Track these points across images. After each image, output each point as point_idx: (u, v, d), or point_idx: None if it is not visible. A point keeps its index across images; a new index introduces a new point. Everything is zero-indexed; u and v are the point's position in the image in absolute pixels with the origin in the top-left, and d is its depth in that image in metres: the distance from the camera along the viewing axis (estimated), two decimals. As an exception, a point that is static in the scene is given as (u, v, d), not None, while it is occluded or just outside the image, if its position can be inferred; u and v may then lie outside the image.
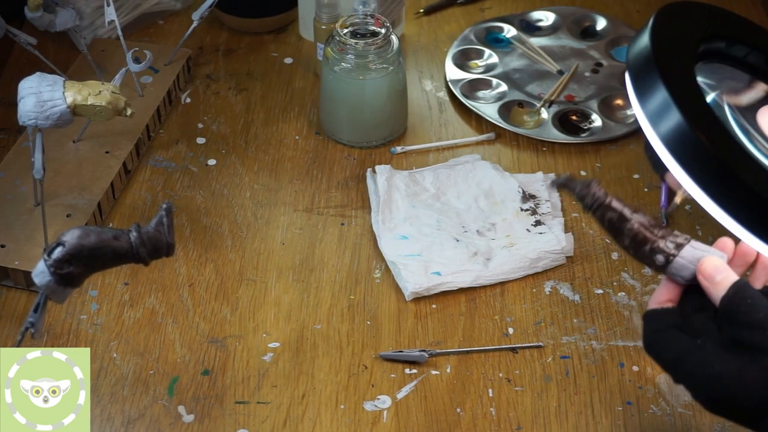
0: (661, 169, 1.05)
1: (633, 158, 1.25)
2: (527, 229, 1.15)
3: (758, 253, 0.80)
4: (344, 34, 1.22)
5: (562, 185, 0.83)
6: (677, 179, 0.84)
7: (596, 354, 1.03)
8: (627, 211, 0.81)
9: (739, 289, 0.76)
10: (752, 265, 0.80)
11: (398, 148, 1.26)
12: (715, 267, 0.78)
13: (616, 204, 0.81)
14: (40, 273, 0.84)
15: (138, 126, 1.23)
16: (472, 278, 1.09)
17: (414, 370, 1.01)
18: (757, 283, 0.80)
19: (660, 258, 0.79)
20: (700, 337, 0.76)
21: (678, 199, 0.91)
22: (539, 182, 1.21)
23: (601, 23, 1.47)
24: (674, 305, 0.80)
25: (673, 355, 0.76)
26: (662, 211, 1.17)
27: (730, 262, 0.80)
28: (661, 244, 0.79)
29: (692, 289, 0.79)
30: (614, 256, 1.12)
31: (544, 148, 1.27)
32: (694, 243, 0.80)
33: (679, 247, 0.79)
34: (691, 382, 0.76)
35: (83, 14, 1.34)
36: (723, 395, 0.74)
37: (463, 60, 1.40)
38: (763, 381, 0.73)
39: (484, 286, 1.09)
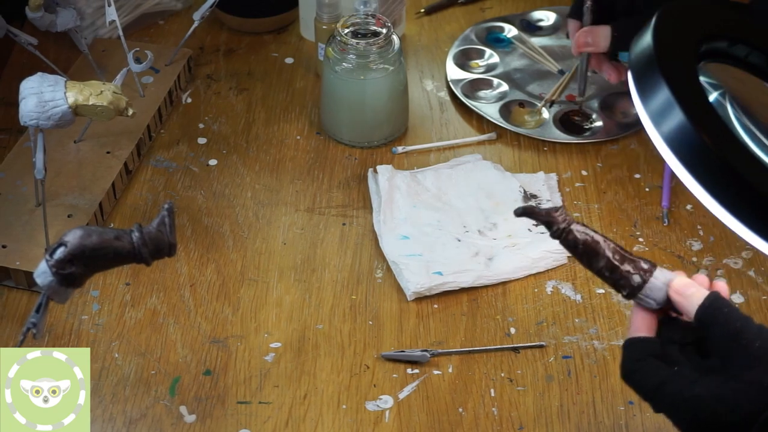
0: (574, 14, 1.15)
1: (634, 158, 1.25)
2: (528, 229, 1.14)
3: (710, 281, 0.80)
4: (345, 34, 1.22)
5: (522, 214, 0.81)
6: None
7: (598, 354, 1.03)
8: (598, 234, 0.80)
9: (715, 300, 0.76)
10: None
11: (399, 148, 1.26)
12: (686, 283, 0.78)
13: (587, 226, 0.80)
14: (42, 273, 0.83)
15: (139, 126, 1.23)
16: (474, 278, 1.09)
17: (416, 370, 1.01)
18: None
19: (636, 278, 0.79)
20: (677, 365, 0.76)
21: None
22: (540, 182, 1.21)
23: (601, 23, 1.46)
24: (653, 335, 0.79)
25: (653, 383, 0.75)
26: (663, 211, 1.17)
27: None
28: (637, 265, 0.79)
29: (663, 321, 0.80)
30: (616, 255, 1.12)
31: (546, 148, 1.27)
32: (660, 269, 0.80)
33: (650, 270, 0.79)
34: (672, 408, 0.75)
35: (84, 14, 1.34)
36: (706, 415, 0.73)
37: (463, 60, 1.40)
38: (745, 393, 0.72)
39: (486, 286, 1.09)
